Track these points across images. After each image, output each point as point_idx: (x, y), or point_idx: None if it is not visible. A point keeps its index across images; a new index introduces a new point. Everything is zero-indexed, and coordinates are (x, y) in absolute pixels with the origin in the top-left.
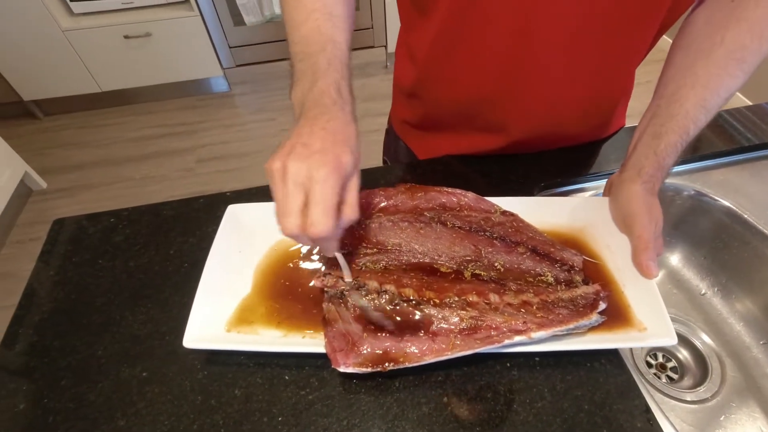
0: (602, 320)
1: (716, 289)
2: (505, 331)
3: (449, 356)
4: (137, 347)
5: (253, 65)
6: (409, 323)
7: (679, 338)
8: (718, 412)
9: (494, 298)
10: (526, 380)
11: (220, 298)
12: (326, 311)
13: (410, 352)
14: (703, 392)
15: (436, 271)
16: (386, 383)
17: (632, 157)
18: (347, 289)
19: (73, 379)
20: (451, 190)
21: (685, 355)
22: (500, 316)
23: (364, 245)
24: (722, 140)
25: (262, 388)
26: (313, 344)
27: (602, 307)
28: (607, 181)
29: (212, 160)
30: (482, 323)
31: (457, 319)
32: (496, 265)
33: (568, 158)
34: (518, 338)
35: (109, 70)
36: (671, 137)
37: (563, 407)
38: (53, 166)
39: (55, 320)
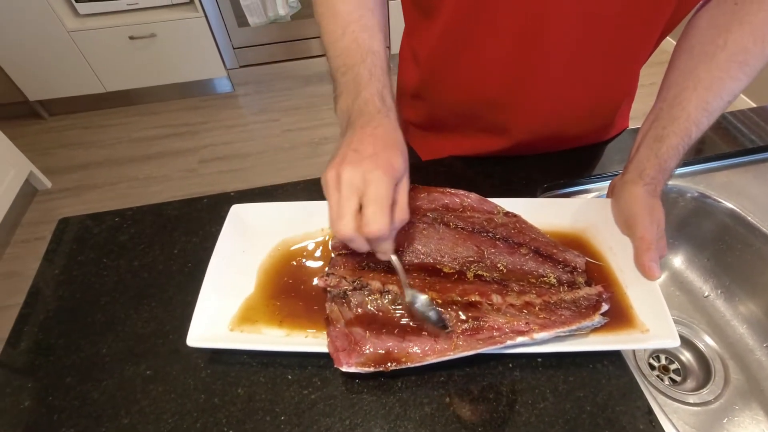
0: (605, 321)
1: (719, 291)
2: (507, 331)
3: (451, 357)
4: (141, 346)
5: (256, 66)
6: (411, 323)
7: (682, 340)
8: (721, 414)
9: (497, 298)
10: (528, 381)
11: (223, 297)
12: (329, 311)
13: (412, 352)
14: (706, 394)
15: (438, 271)
16: (389, 383)
17: (634, 159)
18: (350, 289)
19: (77, 377)
20: (454, 191)
21: (688, 357)
22: (503, 316)
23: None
24: (726, 142)
25: (265, 387)
26: (315, 344)
27: (605, 308)
28: (610, 183)
29: (215, 160)
30: (484, 324)
31: (459, 319)
32: (498, 266)
33: (571, 159)
34: (520, 339)
35: (113, 70)
36: (673, 140)
37: (565, 408)
38: (58, 165)
39: (59, 319)
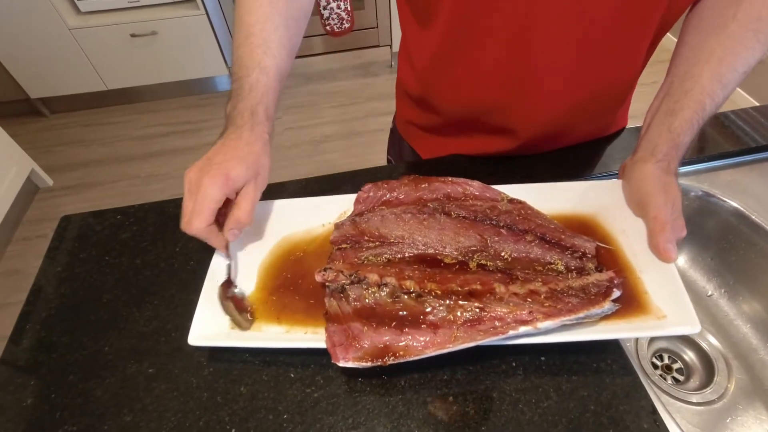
0: (616, 308)
1: (723, 290)
2: (509, 321)
3: (451, 349)
4: (143, 344)
5: None
6: (409, 316)
7: (685, 339)
8: (724, 413)
9: (499, 288)
10: (531, 380)
11: None
12: (328, 306)
13: (411, 345)
14: (709, 394)
15: (440, 262)
16: (392, 382)
17: (645, 136)
18: (348, 283)
19: (80, 374)
20: (455, 179)
21: (691, 356)
22: (505, 306)
23: (366, 238)
24: (729, 141)
25: (267, 385)
26: (314, 340)
27: (616, 294)
28: (620, 165)
29: None
30: (486, 314)
31: (459, 310)
32: (502, 254)
33: (572, 157)
34: (523, 329)
35: (115, 68)
36: (686, 113)
37: (569, 407)
38: (59, 163)
39: (62, 316)
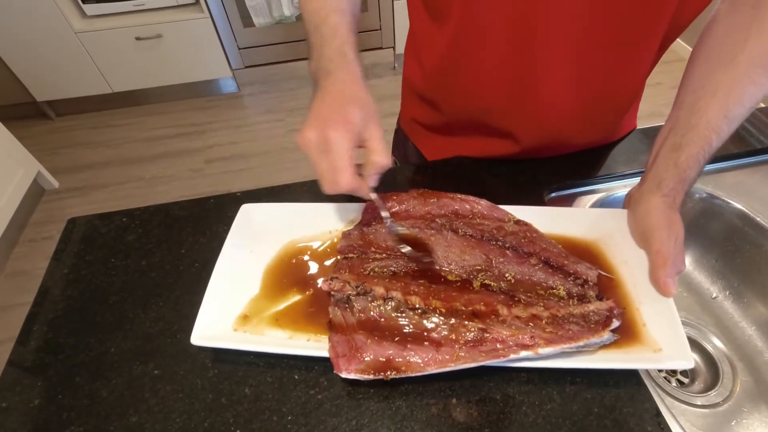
0: (614, 339)
1: (728, 292)
2: (511, 345)
3: (453, 368)
4: (149, 345)
5: (261, 66)
6: (413, 332)
7: (690, 342)
8: (729, 416)
9: (502, 310)
10: (535, 382)
11: (228, 297)
12: (332, 315)
13: (413, 361)
14: (714, 396)
15: (444, 279)
16: (395, 384)
17: (652, 169)
18: (354, 294)
19: (86, 376)
20: (464, 196)
21: (695, 359)
22: (507, 329)
23: (373, 250)
24: (734, 142)
25: (272, 387)
26: (317, 347)
27: (615, 324)
28: (626, 194)
29: (221, 160)
30: (488, 336)
31: (462, 329)
32: (506, 275)
33: (578, 160)
34: (524, 353)
35: (120, 71)
36: (692, 149)
37: (573, 410)
38: (65, 165)
39: (68, 318)
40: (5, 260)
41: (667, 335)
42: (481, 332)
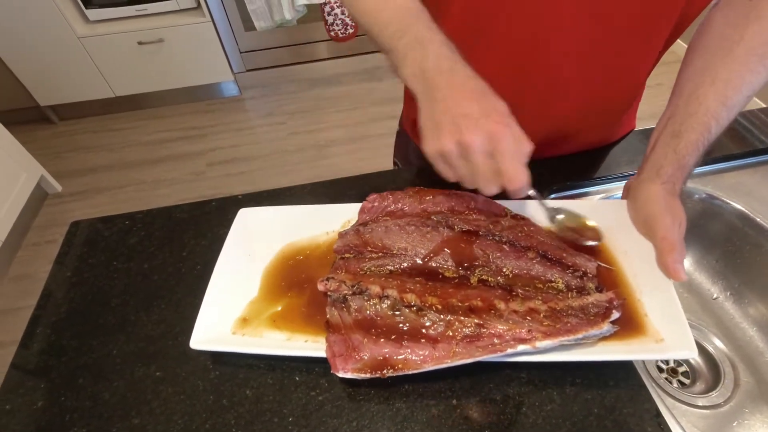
0: (614, 330)
1: (728, 293)
2: (508, 339)
3: (449, 364)
4: (151, 347)
5: (263, 70)
6: (409, 329)
7: None
8: (730, 417)
9: (500, 304)
10: (535, 383)
11: (227, 300)
12: (329, 315)
13: (410, 359)
14: (715, 397)
15: (441, 275)
16: (396, 385)
17: (650, 157)
18: (350, 293)
19: (89, 378)
20: (460, 192)
21: (696, 359)
22: (504, 323)
23: (369, 249)
24: (734, 143)
25: (272, 388)
26: (315, 348)
27: (615, 316)
28: (625, 184)
29: (223, 163)
30: (485, 331)
31: (459, 325)
32: (504, 270)
33: (578, 161)
34: (522, 347)
35: (122, 75)
36: (691, 135)
37: (573, 411)
38: (68, 169)
39: (71, 320)
40: (9, 264)
41: (669, 325)
42: (477, 327)
